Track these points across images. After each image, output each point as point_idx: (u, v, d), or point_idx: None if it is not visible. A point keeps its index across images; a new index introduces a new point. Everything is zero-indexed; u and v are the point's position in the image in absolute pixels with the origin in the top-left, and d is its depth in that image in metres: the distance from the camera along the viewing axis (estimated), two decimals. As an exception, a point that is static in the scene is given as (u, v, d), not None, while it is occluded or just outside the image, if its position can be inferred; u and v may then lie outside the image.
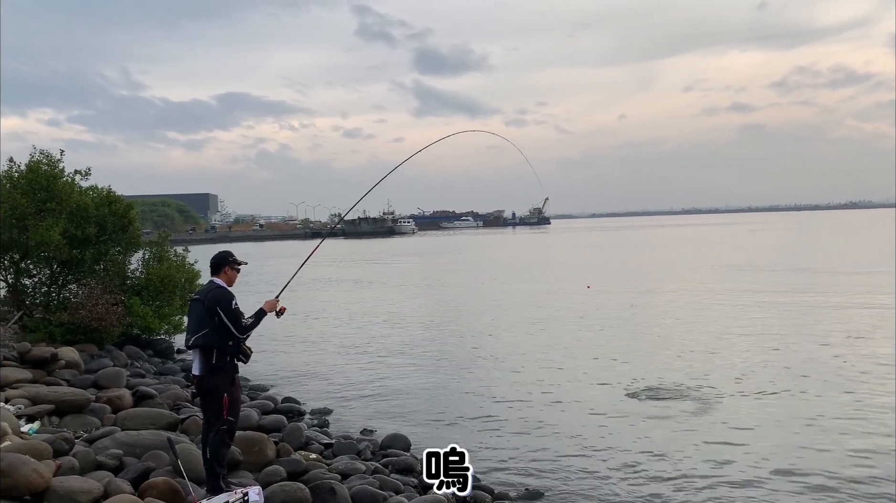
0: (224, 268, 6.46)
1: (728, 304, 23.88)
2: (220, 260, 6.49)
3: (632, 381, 13.44)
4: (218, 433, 6.26)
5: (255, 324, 6.33)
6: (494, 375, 14.59)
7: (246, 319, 6.26)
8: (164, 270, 16.70)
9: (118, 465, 7.36)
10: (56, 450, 7.17)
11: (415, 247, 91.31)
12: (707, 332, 18.61)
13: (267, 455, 8.04)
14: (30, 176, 15.51)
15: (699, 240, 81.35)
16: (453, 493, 7.77)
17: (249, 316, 6.32)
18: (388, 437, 10.00)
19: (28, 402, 9.26)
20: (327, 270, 51.07)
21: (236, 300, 6.27)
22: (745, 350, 16.15)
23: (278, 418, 10.52)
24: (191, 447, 7.56)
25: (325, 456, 9.06)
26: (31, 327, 14.74)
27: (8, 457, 6.05)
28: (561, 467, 9.16)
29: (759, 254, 49.63)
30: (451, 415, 11.72)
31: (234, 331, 6.17)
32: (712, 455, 9.39)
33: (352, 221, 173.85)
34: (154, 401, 10.70)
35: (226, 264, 6.47)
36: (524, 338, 19.00)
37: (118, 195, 16.86)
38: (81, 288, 15.63)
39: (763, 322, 20.02)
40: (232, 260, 6.52)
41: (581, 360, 15.68)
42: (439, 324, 22.15)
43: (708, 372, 14.07)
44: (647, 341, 17.64)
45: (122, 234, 16.47)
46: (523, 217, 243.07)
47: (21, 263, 15.59)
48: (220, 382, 6.24)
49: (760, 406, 11.61)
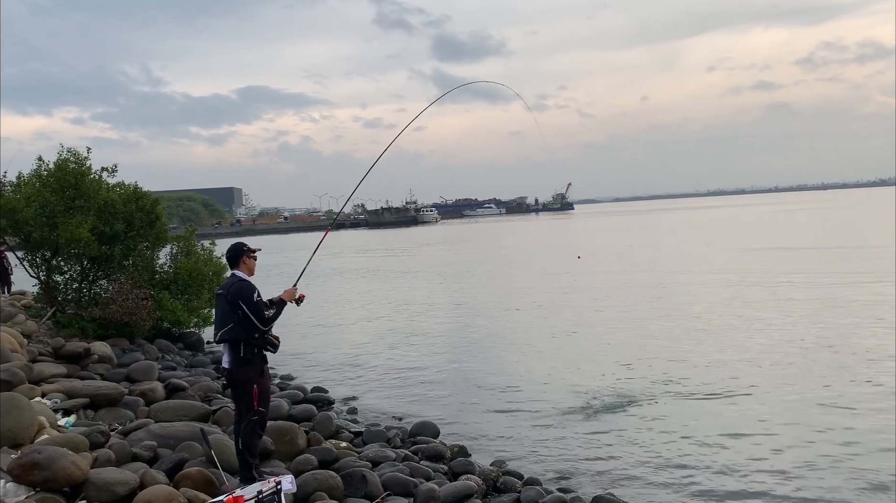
0: (241, 258, 6.53)
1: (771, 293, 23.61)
2: (236, 251, 6.57)
3: (659, 369, 13.36)
4: (249, 423, 6.35)
5: (277, 316, 6.42)
6: (520, 362, 14.59)
7: (268, 311, 6.32)
8: (191, 264, 16.90)
9: (153, 457, 7.49)
10: (92, 442, 7.29)
11: (438, 235, 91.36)
12: (747, 324, 18.44)
13: (298, 444, 8.12)
14: (58, 174, 15.73)
15: (728, 222, 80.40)
16: (483, 480, 7.84)
17: (272, 309, 6.39)
18: (417, 425, 10.06)
19: (64, 397, 9.43)
20: (351, 260, 51.32)
21: (258, 292, 6.33)
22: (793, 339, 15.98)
23: (308, 408, 10.61)
24: (223, 438, 7.67)
25: (356, 444, 9.14)
26: (63, 323, 15.00)
27: (46, 449, 6.18)
28: (589, 452, 9.16)
29: (802, 235, 48.98)
30: (477, 403, 11.76)
31: (257, 324, 6.24)
32: (741, 445, 9.33)
33: (375, 211, 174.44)
34: (186, 393, 10.85)
35: (242, 254, 6.54)
36: (550, 324, 18.96)
37: (145, 191, 17.05)
38: (111, 283, 15.86)
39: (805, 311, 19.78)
40: (246, 249, 6.60)
41: (608, 348, 15.61)
42: (464, 312, 22.17)
43: (745, 363, 13.95)
44: (676, 330, 17.50)
45: (150, 230, 16.65)
46: (546, 203, 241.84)
47: (52, 261, 15.84)
48: (250, 374, 6.32)
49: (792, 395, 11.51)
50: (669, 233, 63.24)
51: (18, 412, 7.36)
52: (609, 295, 23.57)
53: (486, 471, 8.13)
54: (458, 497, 7.14)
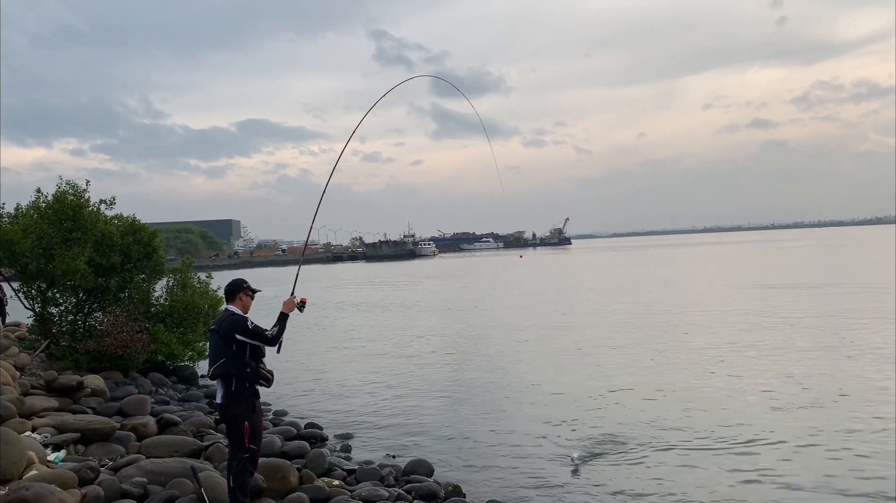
0: (239, 294, 6.53)
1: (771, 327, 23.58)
2: (236, 286, 6.58)
3: (662, 411, 13.28)
4: (241, 461, 6.29)
5: (282, 329, 6.41)
6: (518, 400, 14.48)
7: (270, 330, 6.33)
8: (187, 297, 16.87)
9: (143, 494, 7.40)
10: (81, 478, 7.22)
11: (435, 269, 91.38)
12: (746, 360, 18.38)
13: (290, 482, 8.04)
14: (56, 206, 15.77)
15: (726, 258, 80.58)
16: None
17: (273, 325, 6.38)
18: (411, 463, 9.95)
19: (54, 431, 9.35)
20: (349, 293, 51.28)
21: (250, 320, 6.35)
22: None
23: (301, 444, 10.51)
24: (214, 475, 7.59)
25: (348, 482, 9.03)
26: (57, 355, 14.92)
27: (34, 486, 6.11)
28: (588, 491, 9.06)
29: (803, 272, 49.07)
30: (473, 441, 11.63)
31: (264, 345, 6.28)
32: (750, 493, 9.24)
33: (373, 244, 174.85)
34: (178, 428, 10.75)
35: (240, 291, 6.55)
36: (550, 361, 18.86)
37: (142, 223, 17.08)
38: (107, 316, 15.80)
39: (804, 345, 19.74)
40: (246, 286, 6.60)
41: (609, 388, 15.52)
42: (460, 348, 22.07)
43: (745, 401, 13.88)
44: (681, 370, 17.43)
45: (147, 262, 16.65)
46: (544, 238, 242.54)
47: (48, 292, 15.81)
48: (241, 410, 6.28)
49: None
50: (670, 269, 63.28)
51: (8, 447, 7.28)
52: (612, 333, 23.48)
53: (480, 512, 8.03)
54: (451, 538, 7.04)
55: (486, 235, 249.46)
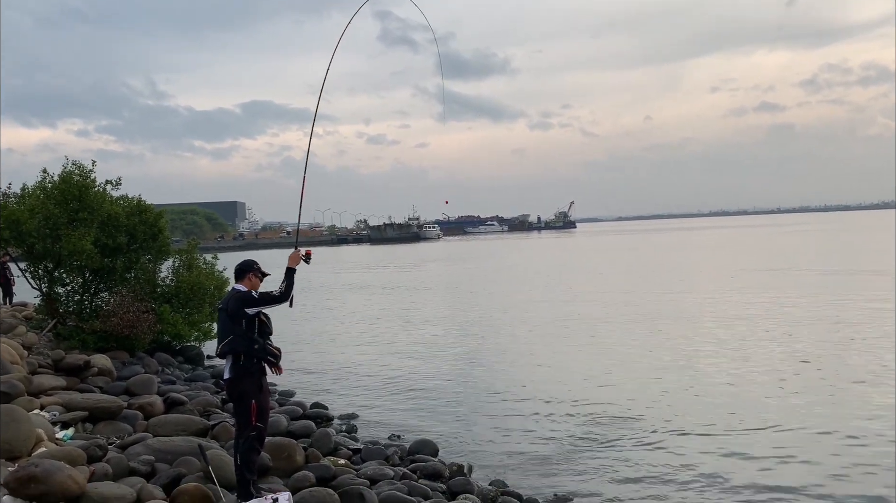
0: (248, 274, 6.55)
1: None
2: (246, 266, 6.60)
3: (667, 393, 13.32)
4: (248, 439, 6.33)
5: (291, 284, 6.38)
6: (522, 382, 14.53)
7: (278, 288, 6.34)
8: (193, 278, 16.91)
9: (150, 471, 7.46)
10: (90, 456, 7.28)
11: (440, 252, 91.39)
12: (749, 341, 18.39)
13: (296, 461, 8.09)
14: (62, 186, 15.78)
15: (731, 243, 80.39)
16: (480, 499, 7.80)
17: (280, 283, 6.39)
18: (416, 443, 10.02)
19: (62, 409, 9.42)
20: (354, 276, 51.35)
21: (255, 290, 6.41)
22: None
23: (307, 424, 10.57)
24: (221, 453, 7.65)
25: (354, 461, 9.09)
26: (64, 335, 15.00)
27: (43, 463, 6.16)
28: (590, 472, 9.11)
29: (814, 257, 48.94)
30: (477, 422, 11.70)
31: (276, 305, 6.28)
32: (751, 472, 9.28)
33: (377, 227, 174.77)
34: (185, 407, 10.82)
35: (250, 271, 6.57)
36: (554, 344, 18.90)
37: (148, 204, 17.10)
38: (113, 296, 15.87)
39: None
40: (257, 268, 6.62)
41: (614, 369, 15.56)
42: (466, 330, 22.13)
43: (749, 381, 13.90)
44: (687, 353, 17.45)
45: (153, 243, 16.68)
46: (549, 221, 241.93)
47: (54, 272, 15.87)
48: (249, 389, 6.32)
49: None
50: (675, 253, 63.16)
51: (16, 424, 7.35)
52: (617, 316, 23.49)
53: (484, 491, 8.09)
54: (456, 516, 7.10)
55: (491, 219, 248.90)
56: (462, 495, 7.84)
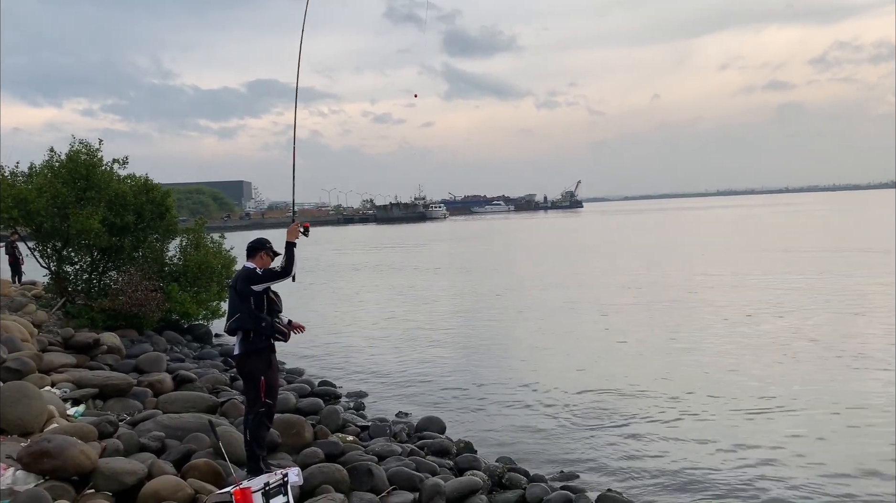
0: (260, 252, 6.57)
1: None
2: (259, 244, 6.62)
3: (672, 372, 13.34)
4: (257, 415, 6.40)
5: (291, 258, 6.38)
6: (528, 360, 14.59)
7: (280, 264, 6.39)
8: (201, 257, 16.97)
9: (160, 447, 7.54)
10: (101, 432, 7.36)
11: (446, 232, 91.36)
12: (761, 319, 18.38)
13: (305, 437, 8.16)
14: (70, 165, 15.83)
15: (739, 222, 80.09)
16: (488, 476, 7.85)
17: (281, 259, 6.44)
18: (423, 420, 10.08)
19: (73, 386, 9.51)
20: (360, 256, 51.41)
21: (259, 268, 6.45)
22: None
23: (315, 401, 10.65)
24: (231, 430, 7.72)
25: (362, 438, 9.16)
26: (73, 313, 15.11)
27: (56, 438, 6.23)
28: (595, 451, 9.16)
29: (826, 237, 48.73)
30: (484, 399, 11.75)
31: (279, 280, 6.34)
32: (752, 451, 9.31)
33: (384, 207, 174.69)
34: (194, 384, 10.91)
35: (262, 249, 6.58)
36: (561, 323, 18.93)
37: (155, 183, 17.12)
38: (121, 275, 15.95)
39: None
40: (269, 246, 6.64)
41: (620, 348, 15.59)
42: (473, 309, 22.17)
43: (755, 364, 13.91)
44: (696, 333, 17.46)
45: (160, 222, 16.74)
46: (555, 201, 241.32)
47: (63, 251, 15.95)
48: (258, 365, 6.38)
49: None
50: (686, 233, 62.99)
51: (28, 401, 7.43)
52: (625, 296, 23.47)
53: (491, 468, 8.14)
54: (463, 492, 7.15)
55: (497, 198, 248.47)
56: (469, 471, 7.89)
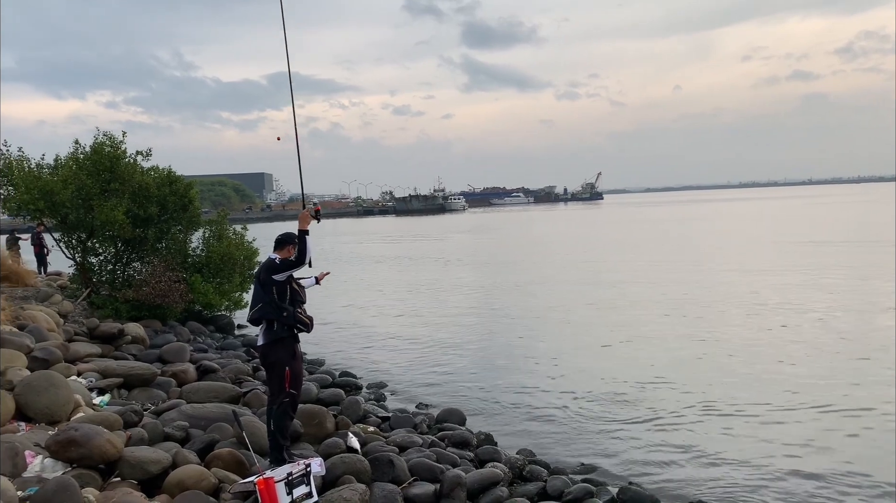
0: (287, 246, 6.63)
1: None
2: (287, 238, 6.68)
3: (695, 367, 13.27)
4: (281, 405, 6.45)
5: (304, 245, 6.41)
6: (546, 350, 14.55)
7: (292, 256, 6.46)
8: (223, 248, 17.11)
9: (185, 437, 7.62)
10: (126, 421, 7.45)
11: (466, 224, 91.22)
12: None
13: (327, 428, 8.20)
14: (94, 157, 15.99)
15: (762, 214, 79.27)
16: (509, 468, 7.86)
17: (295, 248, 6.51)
18: (444, 412, 10.10)
19: (98, 376, 9.63)
20: (379, 247, 51.50)
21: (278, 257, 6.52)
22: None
23: (336, 392, 10.71)
24: (254, 420, 7.79)
25: (383, 429, 9.20)
26: (98, 304, 15.29)
27: (82, 427, 6.32)
28: (616, 444, 9.14)
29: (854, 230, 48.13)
30: (504, 392, 11.75)
31: (296, 269, 6.44)
32: (775, 447, 9.24)
33: (403, 199, 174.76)
34: (217, 375, 11.01)
35: (290, 243, 6.64)
36: (583, 316, 18.85)
37: (178, 175, 17.26)
38: (145, 266, 16.14)
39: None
40: (296, 241, 6.68)
41: (643, 342, 15.51)
42: (490, 301, 22.15)
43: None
44: (719, 330, 17.33)
45: (183, 213, 16.88)
46: (575, 192, 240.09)
47: (87, 242, 16.13)
48: (282, 355, 6.43)
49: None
50: (708, 225, 62.44)
51: (56, 390, 7.54)
52: (647, 289, 23.30)
53: (512, 460, 8.14)
54: (484, 484, 7.16)
55: (517, 190, 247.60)
56: (490, 463, 7.90)
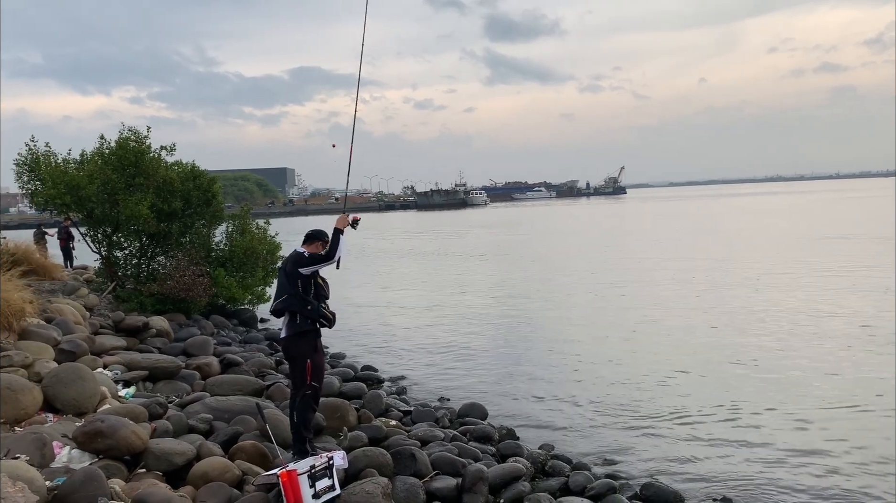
0: (317, 242, 6.67)
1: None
2: (317, 235, 6.72)
3: (720, 363, 13.15)
4: (304, 398, 6.47)
5: (336, 243, 6.42)
6: (569, 346, 14.50)
7: (325, 249, 6.47)
8: (246, 242, 17.23)
9: (209, 429, 7.69)
10: (151, 413, 7.54)
11: (487, 218, 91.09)
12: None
13: (349, 421, 8.24)
14: (119, 152, 16.16)
15: (790, 209, 78.30)
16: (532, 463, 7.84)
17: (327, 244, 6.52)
18: (466, 406, 10.09)
19: (124, 368, 9.75)
20: (401, 242, 51.58)
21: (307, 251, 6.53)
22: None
23: (358, 385, 10.75)
24: (277, 412, 7.84)
25: (404, 423, 9.22)
26: (123, 297, 15.48)
27: (109, 419, 6.40)
28: (638, 440, 9.08)
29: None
30: (525, 386, 11.72)
31: (324, 264, 6.42)
32: (797, 446, 9.13)
33: (424, 193, 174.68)
34: (240, 368, 11.10)
35: (319, 240, 6.68)
36: (606, 311, 18.75)
37: (202, 170, 17.40)
38: (169, 260, 16.30)
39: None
40: (326, 239, 6.75)
41: (667, 338, 15.40)
42: (512, 296, 22.09)
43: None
44: (736, 314, 17.15)
45: (207, 208, 17.02)
46: (598, 187, 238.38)
47: (113, 236, 16.32)
48: (304, 348, 6.45)
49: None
50: (735, 219, 61.77)
51: (83, 382, 7.64)
52: (672, 285, 23.10)
53: (534, 455, 8.13)
54: (506, 479, 7.15)
55: (539, 184, 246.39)
56: (512, 458, 7.89)
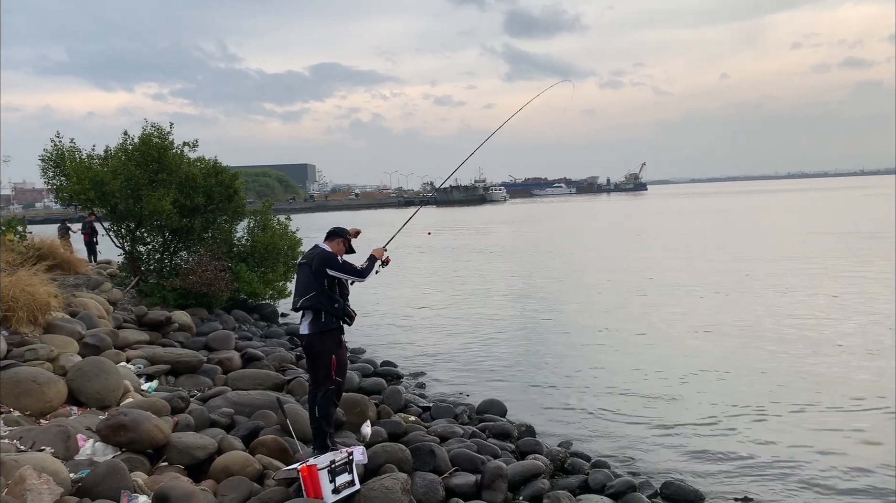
0: (339, 239, 6.73)
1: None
2: (340, 232, 6.81)
3: (736, 357, 13.04)
4: (327, 392, 6.51)
5: (371, 268, 6.60)
6: (588, 343, 14.44)
7: (361, 265, 6.55)
8: (268, 238, 17.36)
9: (230, 423, 7.76)
10: (173, 407, 7.62)
11: (507, 215, 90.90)
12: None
13: (368, 416, 8.27)
14: (143, 148, 16.32)
15: (814, 206, 77.39)
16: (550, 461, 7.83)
17: (363, 262, 6.59)
18: (485, 402, 10.09)
19: (147, 362, 9.86)
20: (420, 238, 51.64)
21: (339, 256, 6.60)
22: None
23: (378, 381, 10.79)
24: (297, 407, 7.89)
25: (424, 419, 9.25)
26: (146, 292, 15.64)
27: (132, 412, 6.47)
28: (658, 438, 9.03)
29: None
30: (544, 384, 11.69)
31: (354, 279, 6.54)
32: (820, 444, 9.04)
33: (444, 189, 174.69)
34: (261, 362, 11.18)
35: (342, 237, 6.75)
36: (627, 309, 18.62)
37: (224, 166, 17.54)
38: (191, 255, 16.45)
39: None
40: (348, 237, 6.81)
41: (686, 336, 15.29)
42: (531, 292, 22.05)
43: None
44: (761, 315, 17.00)
45: (229, 204, 17.15)
46: (618, 183, 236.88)
47: (136, 232, 16.49)
48: (330, 344, 6.48)
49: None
50: (759, 216, 61.15)
51: (106, 376, 7.74)
52: (694, 282, 22.84)
53: (553, 452, 8.11)
54: (525, 476, 7.15)
55: (559, 181, 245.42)
56: (531, 455, 7.89)
